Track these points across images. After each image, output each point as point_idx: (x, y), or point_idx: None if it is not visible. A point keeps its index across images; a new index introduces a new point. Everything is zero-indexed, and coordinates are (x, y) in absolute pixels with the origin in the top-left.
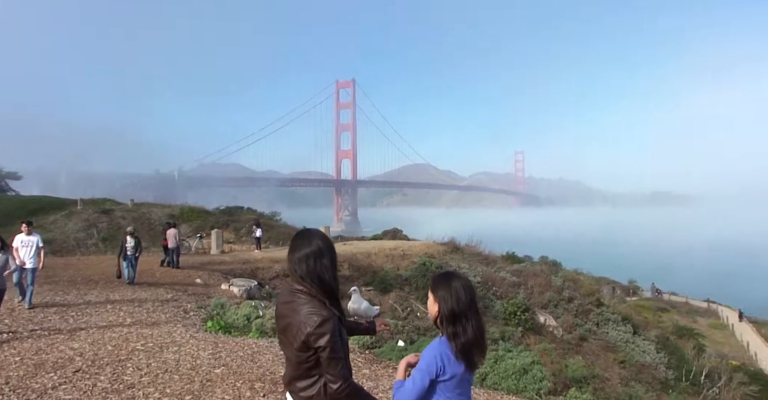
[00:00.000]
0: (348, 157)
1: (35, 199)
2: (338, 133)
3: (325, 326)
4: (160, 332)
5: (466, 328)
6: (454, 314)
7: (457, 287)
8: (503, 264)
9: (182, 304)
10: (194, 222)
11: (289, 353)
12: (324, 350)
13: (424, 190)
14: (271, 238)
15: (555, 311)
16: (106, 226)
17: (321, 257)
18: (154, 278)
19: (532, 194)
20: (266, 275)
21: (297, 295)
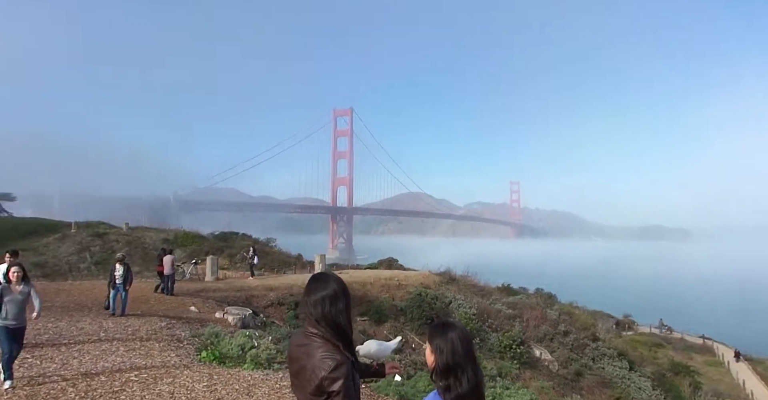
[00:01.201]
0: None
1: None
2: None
3: (339, 370)
4: (153, 362)
5: (461, 380)
6: (448, 366)
7: (453, 338)
8: (498, 296)
9: (176, 332)
10: (189, 247)
11: (302, 396)
12: (337, 394)
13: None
14: (266, 264)
15: (550, 344)
16: (100, 249)
17: (337, 300)
18: (148, 305)
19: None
20: (261, 303)
21: (311, 338)
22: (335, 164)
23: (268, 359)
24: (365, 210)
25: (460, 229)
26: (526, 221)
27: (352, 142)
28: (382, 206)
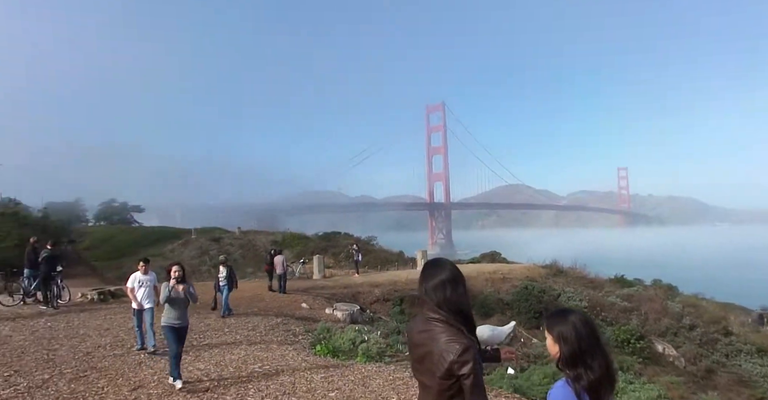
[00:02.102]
0: (440, 180)
1: (156, 229)
2: (430, 156)
3: (467, 354)
4: (273, 355)
5: (592, 366)
6: (575, 354)
7: (576, 323)
8: (611, 288)
9: (291, 327)
10: (296, 248)
11: (428, 381)
12: (468, 377)
13: (520, 212)
14: (369, 262)
15: (674, 339)
16: (217, 252)
17: (456, 284)
18: (263, 303)
19: (639, 213)
20: (367, 299)
21: (433, 323)
22: (430, 160)
23: (379, 353)
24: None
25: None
26: (637, 209)
27: (445, 137)
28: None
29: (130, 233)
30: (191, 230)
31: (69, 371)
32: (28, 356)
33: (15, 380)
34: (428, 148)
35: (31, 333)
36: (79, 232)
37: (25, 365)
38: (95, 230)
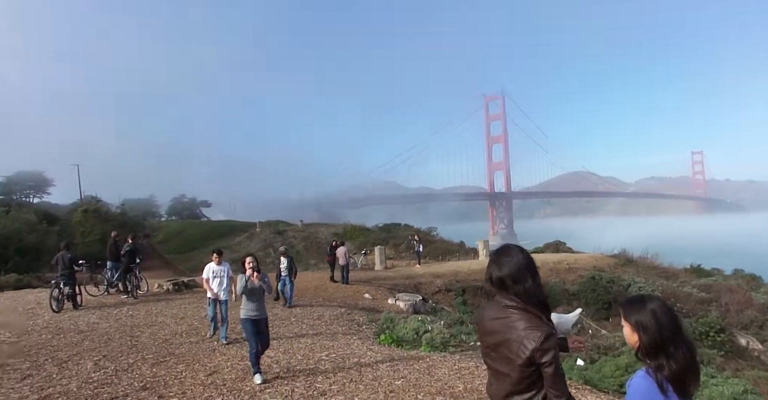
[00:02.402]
0: (501, 170)
1: (223, 223)
2: (489, 145)
3: (549, 341)
4: (339, 344)
5: (675, 355)
6: (656, 343)
7: (656, 311)
8: (687, 278)
9: (354, 317)
10: (357, 239)
11: (505, 368)
12: (549, 365)
13: (584, 200)
14: (430, 253)
15: (760, 333)
16: (281, 245)
17: (531, 271)
18: (327, 293)
19: (716, 199)
20: (429, 289)
21: (508, 310)
22: (490, 150)
23: (443, 343)
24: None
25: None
26: (713, 195)
27: (505, 125)
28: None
29: (200, 227)
30: (256, 224)
31: (150, 356)
32: (114, 342)
33: (104, 364)
34: (488, 137)
35: (115, 321)
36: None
37: (112, 350)
38: (167, 224)
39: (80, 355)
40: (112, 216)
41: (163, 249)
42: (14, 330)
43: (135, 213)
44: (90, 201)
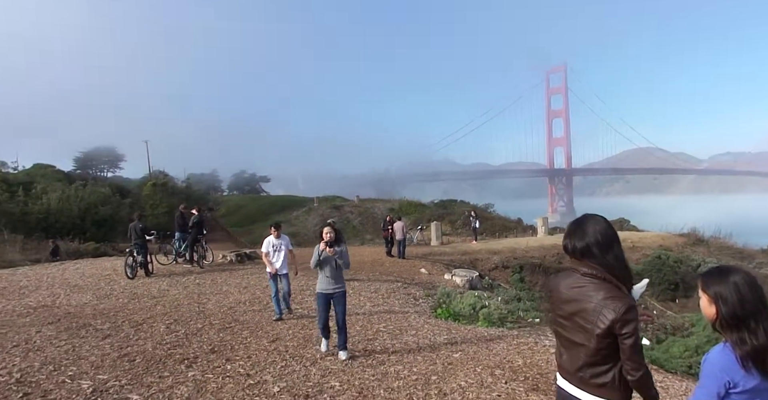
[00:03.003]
0: (561, 145)
1: (282, 198)
2: (549, 120)
3: (631, 313)
4: (396, 316)
5: (756, 332)
6: (736, 316)
7: (738, 283)
8: (764, 259)
9: (411, 291)
10: (412, 215)
11: (580, 338)
12: (629, 337)
13: (651, 177)
14: (487, 229)
15: None
16: (338, 219)
17: (613, 240)
18: (383, 268)
19: None
20: (485, 266)
21: (587, 279)
22: (550, 124)
23: (500, 318)
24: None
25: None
26: None
27: (567, 99)
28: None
29: (259, 201)
30: (313, 199)
31: (217, 322)
32: (183, 308)
33: (175, 328)
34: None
35: (183, 288)
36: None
37: (182, 316)
38: (229, 198)
39: (153, 318)
40: (178, 190)
41: (225, 222)
42: (95, 294)
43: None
44: (158, 175)
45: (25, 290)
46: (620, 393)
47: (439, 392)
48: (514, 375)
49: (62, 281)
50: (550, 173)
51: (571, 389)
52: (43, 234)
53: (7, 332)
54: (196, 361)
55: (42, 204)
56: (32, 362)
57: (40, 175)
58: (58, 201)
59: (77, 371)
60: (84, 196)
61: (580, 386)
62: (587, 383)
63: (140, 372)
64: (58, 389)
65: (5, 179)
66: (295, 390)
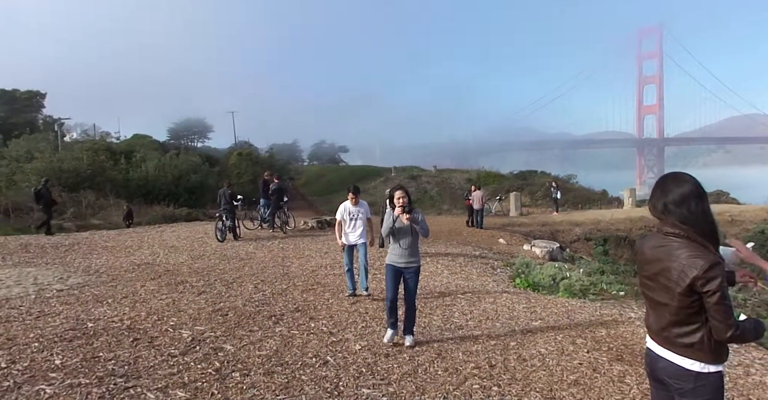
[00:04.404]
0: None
1: (360, 168)
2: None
3: (714, 270)
4: (474, 285)
5: None
6: None
7: None
8: None
9: (489, 261)
10: (491, 186)
11: (664, 298)
12: (713, 294)
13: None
14: (569, 201)
15: None
16: (414, 190)
17: (700, 198)
18: (461, 237)
19: None
20: (566, 237)
21: (670, 238)
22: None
23: (582, 290)
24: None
25: None
26: None
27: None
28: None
29: (338, 171)
30: (391, 169)
31: (300, 283)
32: (269, 270)
33: (262, 288)
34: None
35: (268, 252)
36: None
37: (268, 277)
38: (309, 168)
39: (242, 278)
40: (262, 159)
41: (305, 191)
42: (190, 255)
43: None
44: (243, 145)
45: (130, 249)
46: (710, 354)
47: (518, 357)
48: (597, 345)
49: (161, 242)
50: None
51: (659, 350)
52: (142, 199)
53: (117, 285)
54: (282, 318)
55: (141, 171)
56: (139, 312)
57: (139, 145)
58: (155, 169)
59: (177, 322)
60: (177, 165)
61: (666, 346)
62: (673, 342)
63: (232, 326)
64: (162, 336)
65: (110, 148)
66: (376, 349)
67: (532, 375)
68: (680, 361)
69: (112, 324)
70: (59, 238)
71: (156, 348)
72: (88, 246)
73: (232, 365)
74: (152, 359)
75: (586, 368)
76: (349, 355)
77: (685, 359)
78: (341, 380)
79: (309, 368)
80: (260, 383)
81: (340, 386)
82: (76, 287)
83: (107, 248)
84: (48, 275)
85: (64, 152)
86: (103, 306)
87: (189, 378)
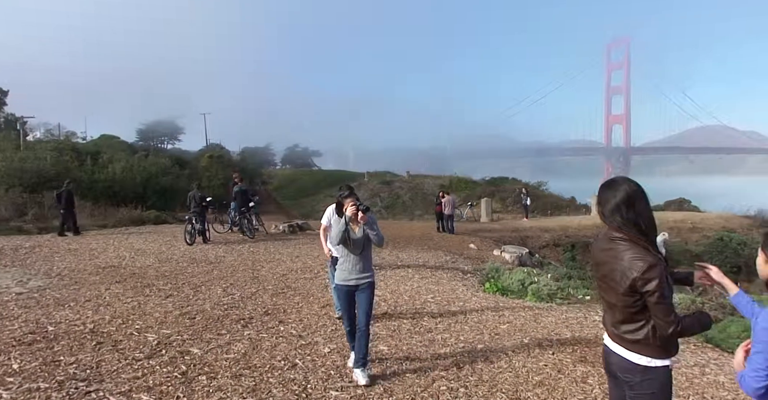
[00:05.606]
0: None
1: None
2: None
3: (653, 271)
4: (444, 288)
5: None
6: None
7: None
8: None
9: (459, 266)
10: (462, 192)
11: (612, 298)
12: (653, 294)
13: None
14: (538, 207)
15: None
16: (387, 195)
17: (632, 204)
18: (432, 242)
19: None
20: (536, 243)
21: (616, 242)
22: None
23: (549, 294)
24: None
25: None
26: None
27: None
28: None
29: (311, 175)
30: (364, 174)
31: (270, 287)
32: (239, 273)
33: (231, 291)
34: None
35: (238, 255)
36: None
37: (237, 280)
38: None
39: (211, 282)
40: (233, 162)
41: (277, 195)
42: (157, 258)
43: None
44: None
45: (95, 252)
46: (656, 349)
47: (485, 359)
48: (562, 347)
49: (127, 245)
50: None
51: (612, 346)
52: (109, 201)
53: (80, 288)
54: (251, 322)
55: (108, 173)
56: (103, 315)
57: (107, 146)
58: (123, 170)
59: (143, 325)
60: (146, 166)
61: (618, 342)
62: (623, 338)
63: (200, 329)
64: (127, 340)
65: (75, 148)
66: (345, 352)
67: (499, 377)
68: (629, 355)
69: (74, 328)
70: (20, 240)
71: (120, 352)
72: (50, 249)
73: (199, 369)
74: (116, 363)
75: (551, 370)
76: (318, 358)
77: (634, 353)
78: (309, 382)
79: (277, 371)
80: (227, 387)
81: (308, 388)
82: (36, 290)
83: (71, 250)
84: (6, 278)
85: (27, 152)
86: (65, 309)
87: (154, 382)
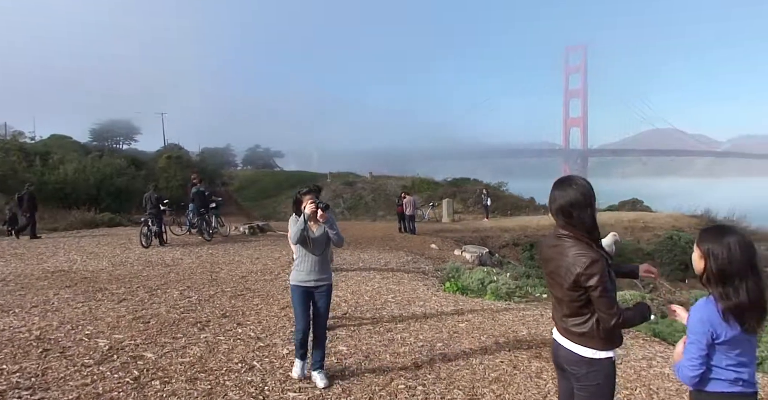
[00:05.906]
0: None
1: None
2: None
3: (594, 266)
4: (405, 288)
5: (739, 290)
6: (723, 273)
7: (731, 244)
8: None
9: (420, 266)
10: (425, 192)
11: (559, 293)
12: (595, 289)
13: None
14: (498, 208)
15: None
16: (350, 196)
17: (577, 205)
18: (394, 243)
19: None
20: (496, 243)
21: (563, 239)
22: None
23: (508, 293)
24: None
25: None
26: None
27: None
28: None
29: (273, 176)
30: (327, 175)
31: (229, 289)
32: (197, 276)
33: (188, 294)
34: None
35: (196, 258)
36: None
37: (195, 283)
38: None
39: (167, 285)
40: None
41: (238, 197)
42: (110, 261)
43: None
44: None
45: (43, 256)
46: (600, 341)
47: (444, 357)
48: (518, 344)
49: (78, 248)
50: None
51: (561, 339)
52: (60, 203)
53: (26, 294)
54: (209, 324)
55: (59, 174)
56: (51, 321)
57: (57, 146)
58: (75, 172)
59: (94, 331)
60: (100, 167)
61: (565, 335)
62: (570, 331)
63: (154, 333)
64: (76, 346)
65: (23, 149)
66: None
67: (456, 374)
68: (575, 348)
69: (18, 335)
70: None
71: (68, 358)
72: None
73: (152, 373)
74: (63, 370)
75: (507, 366)
76: (277, 359)
77: (579, 346)
78: (267, 384)
79: (234, 373)
80: (181, 391)
81: (265, 390)
82: None
83: (16, 255)
84: None
85: None
86: (9, 316)
87: (104, 388)
